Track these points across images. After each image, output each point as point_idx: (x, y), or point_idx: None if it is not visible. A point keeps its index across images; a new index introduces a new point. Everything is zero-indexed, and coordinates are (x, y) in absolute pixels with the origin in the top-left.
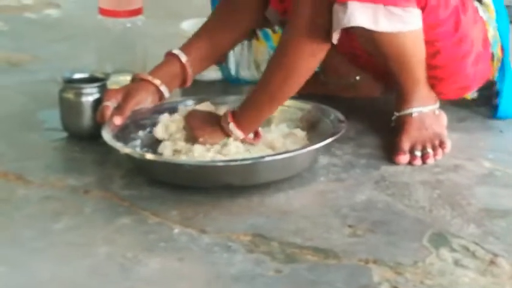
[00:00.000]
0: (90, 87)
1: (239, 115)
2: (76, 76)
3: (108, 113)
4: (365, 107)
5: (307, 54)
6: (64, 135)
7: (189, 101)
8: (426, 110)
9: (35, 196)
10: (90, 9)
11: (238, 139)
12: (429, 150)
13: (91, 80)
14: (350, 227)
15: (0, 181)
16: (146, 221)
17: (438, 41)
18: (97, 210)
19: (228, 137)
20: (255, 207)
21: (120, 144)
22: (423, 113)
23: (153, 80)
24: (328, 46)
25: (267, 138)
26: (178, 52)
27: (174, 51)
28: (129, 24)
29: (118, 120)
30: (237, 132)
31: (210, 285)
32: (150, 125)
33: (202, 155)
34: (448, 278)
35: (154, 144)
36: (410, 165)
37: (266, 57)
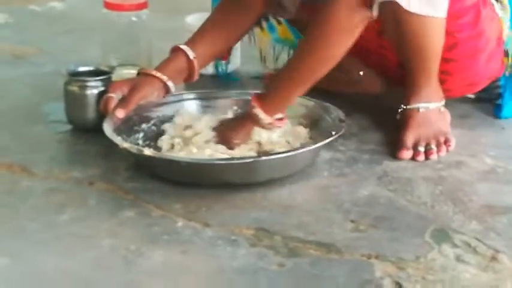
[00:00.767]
0: (95, 81)
1: (265, 98)
2: (81, 69)
3: (111, 105)
4: (368, 103)
5: (346, 30)
6: (68, 127)
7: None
8: (433, 106)
9: (39, 188)
10: (95, 3)
11: (265, 124)
12: (433, 147)
13: (96, 73)
14: (352, 222)
15: (4, 173)
16: (150, 214)
17: (458, 32)
18: (101, 203)
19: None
20: (258, 201)
21: (119, 138)
22: (429, 110)
23: (162, 76)
24: (366, 22)
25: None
26: (186, 48)
27: (181, 47)
28: (134, 18)
29: (121, 113)
30: (262, 116)
31: (213, 278)
32: (153, 117)
33: (201, 151)
34: (450, 273)
35: (157, 138)
36: (414, 160)
37: (270, 49)
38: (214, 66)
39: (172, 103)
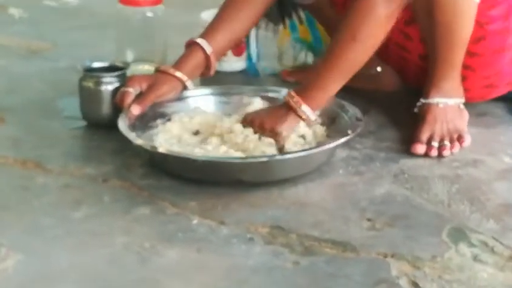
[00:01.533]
0: (110, 76)
1: (307, 94)
2: (96, 65)
3: (128, 100)
4: (386, 100)
5: (385, 17)
6: (83, 123)
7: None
8: (452, 102)
9: (54, 184)
10: None
11: (311, 121)
12: (446, 143)
13: (111, 69)
14: (369, 220)
15: (19, 169)
16: (165, 211)
17: (488, 24)
18: (116, 200)
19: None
20: (274, 199)
21: (133, 134)
22: (448, 106)
23: (182, 76)
24: (403, 8)
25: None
26: (202, 42)
27: (198, 41)
28: (149, 14)
29: (136, 109)
30: (309, 113)
31: (228, 276)
32: (168, 113)
33: (216, 149)
34: (467, 273)
35: None
36: (427, 156)
37: (289, 48)
38: (247, 59)
39: (187, 98)
